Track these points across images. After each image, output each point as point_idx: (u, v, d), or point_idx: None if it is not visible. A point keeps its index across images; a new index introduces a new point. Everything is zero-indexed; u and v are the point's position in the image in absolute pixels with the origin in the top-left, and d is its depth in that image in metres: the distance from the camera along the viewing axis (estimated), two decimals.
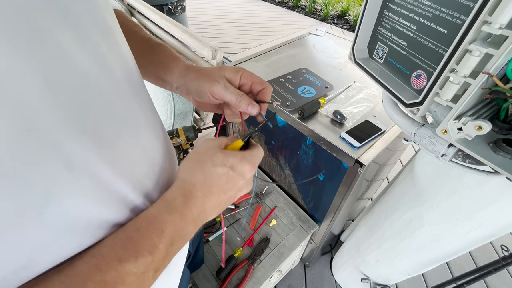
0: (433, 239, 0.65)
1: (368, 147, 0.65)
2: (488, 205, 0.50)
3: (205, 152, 0.28)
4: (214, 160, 0.27)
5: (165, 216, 0.24)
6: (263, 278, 0.82)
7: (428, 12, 0.35)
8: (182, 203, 0.26)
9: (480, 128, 0.30)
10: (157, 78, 0.39)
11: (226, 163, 0.27)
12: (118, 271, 0.21)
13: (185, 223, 0.25)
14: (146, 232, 0.23)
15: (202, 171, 0.27)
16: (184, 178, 0.27)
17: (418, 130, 0.41)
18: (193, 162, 0.28)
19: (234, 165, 0.28)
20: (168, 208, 0.25)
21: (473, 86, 0.30)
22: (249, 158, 0.29)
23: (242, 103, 0.32)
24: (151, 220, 0.24)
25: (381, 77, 0.44)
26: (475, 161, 0.37)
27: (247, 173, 0.29)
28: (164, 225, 0.24)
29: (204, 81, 0.34)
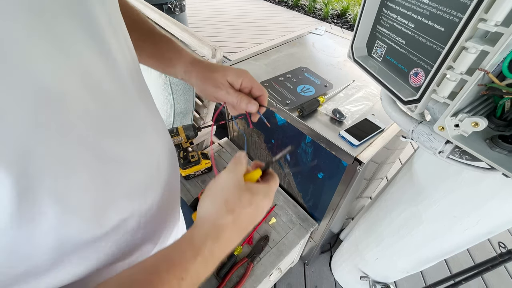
0: (432, 237, 0.66)
1: (367, 145, 0.66)
2: (485, 202, 0.50)
3: (232, 190, 0.27)
4: (242, 201, 0.27)
5: (189, 264, 0.23)
6: (263, 276, 0.82)
7: (426, 10, 0.36)
8: (209, 250, 0.24)
9: (476, 125, 0.31)
10: (159, 68, 0.40)
11: (253, 202, 0.27)
12: None
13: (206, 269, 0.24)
14: (166, 278, 0.22)
15: (232, 213, 0.26)
16: (213, 219, 0.26)
17: (416, 127, 0.41)
18: (220, 201, 0.27)
19: (259, 202, 0.28)
20: (194, 255, 0.24)
21: (469, 83, 0.30)
22: (269, 193, 0.29)
23: (242, 103, 0.35)
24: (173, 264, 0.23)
25: (379, 75, 0.45)
26: (472, 158, 0.37)
27: (266, 208, 0.29)
28: (186, 273, 0.23)
29: (208, 85, 0.36)
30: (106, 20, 0.22)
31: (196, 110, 1.18)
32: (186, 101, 1.04)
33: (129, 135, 0.25)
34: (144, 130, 0.28)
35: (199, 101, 1.15)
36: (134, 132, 0.26)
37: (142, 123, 0.28)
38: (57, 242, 0.20)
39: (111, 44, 0.23)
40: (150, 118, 0.30)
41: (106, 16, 0.22)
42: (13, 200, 0.16)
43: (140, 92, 0.28)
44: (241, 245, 0.87)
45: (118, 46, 0.24)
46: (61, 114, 0.18)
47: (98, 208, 0.23)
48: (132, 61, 0.27)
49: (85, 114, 0.20)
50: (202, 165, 1.02)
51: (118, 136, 0.24)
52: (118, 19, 0.25)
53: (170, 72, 0.39)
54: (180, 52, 0.39)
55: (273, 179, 0.31)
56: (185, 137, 0.88)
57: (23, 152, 0.16)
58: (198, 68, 0.37)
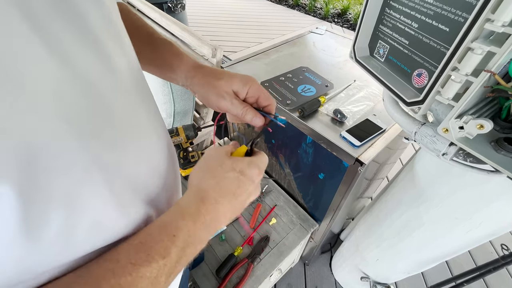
0: (433, 238, 0.65)
1: (368, 146, 0.65)
2: (488, 204, 0.50)
3: (214, 159, 0.29)
4: (224, 166, 0.28)
5: (178, 222, 0.25)
6: (263, 276, 0.82)
7: (430, 10, 0.35)
8: (196, 209, 0.26)
9: (481, 127, 0.30)
10: (161, 75, 0.39)
11: (235, 167, 0.28)
12: (132, 275, 0.21)
13: (198, 229, 0.26)
14: (159, 237, 0.23)
15: (214, 177, 0.28)
16: (196, 184, 0.28)
17: (419, 129, 0.41)
18: (204, 170, 0.29)
19: (243, 169, 0.28)
20: (181, 213, 0.25)
21: (475, 85, 0.29)
22: (256, 162, 0.30)
23: (247, 116, 0.34)
24: (164, 225, 0.24)
25: (382, 76, 0.44)
26: (476, 160, 0.37)
27: (255, 177, 0.29)
28: (177, 230, 0.24)
29: (211, 93, 0.34)
30: (101, 23, 0.22)
31: (196, 110, 1.17)
32: (186, 100, 1.03)
33: (129, 140, 0.25)
34: (145, 134, 0.28)
35: (199, 101, 1.14)
36: (134, 136, 0.25)
37: (142, 127, 0.27)
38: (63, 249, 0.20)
39: (108, 47, 0.22)
40: (151, 122, 0.29)
41: (101, 19, 0.22)
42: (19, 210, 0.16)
43: (142, 95, 0.28)
44: (241, 246, 0.87)
45: (117, 50, 0.24)
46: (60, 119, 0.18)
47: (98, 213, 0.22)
48: (133, 64, 0.27)
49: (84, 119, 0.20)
50: None
51: (118, 141, 0.23)
52: (116, 22, 0.24)
53: (171, 78, 0.38)
54: (181, 57, 0.37)
55: (260, 153, 0.32)
56: (185, 137, 0.88)
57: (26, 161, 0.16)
58: (200, 74, 0.35)
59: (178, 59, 0.37)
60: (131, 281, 0.21)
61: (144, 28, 0.39)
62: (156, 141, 0.30)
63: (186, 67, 0.36)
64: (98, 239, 0.22)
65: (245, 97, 0.35)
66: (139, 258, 0.22)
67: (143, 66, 0.38)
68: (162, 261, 0.22)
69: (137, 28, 0.38)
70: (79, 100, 0.19)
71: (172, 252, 0.23)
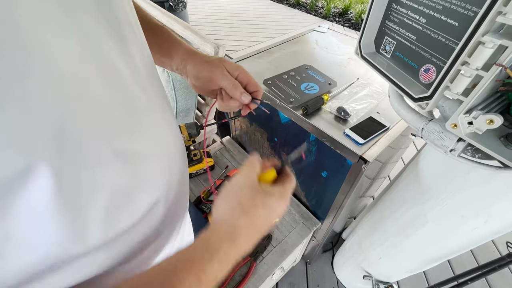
0: (437, 237, 0.65)
1: (372, 144, 0.65)
2: (494, 201, 0.49)
3: (245, 190, 0.28)
4: (256, 202, 0.27)
5: (206, 265, 0.24)
6: (265, 275, 0.82)
7: (439, 5, 0.35)
8: (225, 252, 0.25)
9: (491, 122, 0.30)
10: (157, 60, 0.39)
11: (267, 204, 0.27)
12: None
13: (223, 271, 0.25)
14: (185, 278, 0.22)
15: (245, 214, 0.26)
16: (228, 222, 0.26)
17: (426, 125, 0.40)
18: (235, 203, 0.27)
19: (274, 206, 0.28)
20: (210, 257, 0.24)
21: (485, 79, 0.29)
22: (285, 196, 0.29)
23: (236, 91, 0.34)
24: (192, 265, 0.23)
25: (388, 72, 0.44)
26: (485, 156, 0.36)
27: (282, 210, 0.29)
28: (203, 273, 0.23)
29: (203, 67, 0.35)
30: (124, 16, 0.22)
31: (198, 108, 1.17)
32: (188, 99, 1.03)
33: (147, 130, 0.25)
34: (159, 123, 0.28)
35: (201, 99, 1.14)
36: (150, 124, 0.26)
37: (157, 115, 0.28)
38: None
39: (129, 40, 0.23)
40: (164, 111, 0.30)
41: (124, 12, 0.22)
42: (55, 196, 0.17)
43: (155, 86, 0.28)
44: None
45: (135, 42, 0.24)
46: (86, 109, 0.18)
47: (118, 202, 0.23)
48: (147, 55, 0.27)
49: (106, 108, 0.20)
50: (204, 163, 1.02)
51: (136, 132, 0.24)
52: (133, 14, 0.25)
53: (166, 63, 0.38)
54: (178, 42, 0.38)
55: (289, 180, 0.31)
56: (187, 135, 0.87)
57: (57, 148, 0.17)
58: (194, 56, 0.37)
59: (175, 44, 0.38)
60: None
61: (142, 15, 0.39)
62: (168, 131, 0.30)
63: (182, 51, 0.37)
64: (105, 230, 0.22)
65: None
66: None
67: None
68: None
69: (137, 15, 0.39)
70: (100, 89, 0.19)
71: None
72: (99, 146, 0.20)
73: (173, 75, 0.94)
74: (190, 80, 0.37)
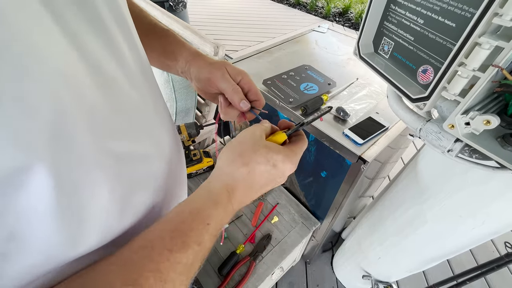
0: (436, 236, 0.65)
1: (371, 144, 0.65)
2: (492, 201, 0.50)
3: (249, 142, 0.28)
4: (258, 154, 0.27)
5: (211, 210, 0.25)
6: (265, 274, 0.82)
7: (436, 6, 0.35)
8: (226, 198, 0.26)
9: (488, 123, 0.30)
10: (161, 62, 0.39)
11: (269, 159, 0.27)
12: (170, 261, 0.21)
13: (226, 216, 0.26)
14: (193, 225, 0.23)
15: (246, 164, 0.26)
16: (227, 172, 0.27)
17: (424, 126, 0.40)
18: (237, 155, 0.27)
19: (277, 163, 0.27)
20: (214, 202, 0.25)
21: (482, 80, 0.29)
22: (291, 157, 0.28)
23: (236, 97, 0.33)
24: (197, 213, 0.24)
25: (386, 72, 0.44)
26: (482, 156, 0.37)
27: (287, 171, 0.28)
28: (210, 218, 0.24)
29: (204, 68, 0.34)
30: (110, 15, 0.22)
31: (198, 108, 1.17)
32: (188, 99, 1.03)
33: (139, 130, 0.25)
34: (153, 123, 0.28)
35: (201, 99, 1.14)
36: (143, 126, 0.26)
37: (151, 118, 0.28)
38: None
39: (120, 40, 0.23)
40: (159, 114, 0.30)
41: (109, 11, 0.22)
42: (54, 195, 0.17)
43: (149, 87, 0.28)
44: (243, 244, 0.87)
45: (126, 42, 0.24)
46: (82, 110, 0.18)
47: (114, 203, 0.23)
48: (141, 57, 0.27)
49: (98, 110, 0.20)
50: (204, 163, 1.02)
51: (128, 131, 0.24)
52: (123, 14, 0.25)
53: (172, 66, 0.38)
54: (183, 45, 0.38)
55: (300, 143, 0.30)
56: (187, 135, 0.88)
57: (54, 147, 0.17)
58: (199, 57, 0.36)
59: (179, 46, 0.37)
60: (169, 266, 0.21)
61: (146, 18, 0.39)
62: (163, 132, 0.30)
63: (187, 54, 0.37)
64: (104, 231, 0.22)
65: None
66: (175, 245, 0.22)
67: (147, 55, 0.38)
68: (197, 247, 0.23)
69: (140, 18, 0.39)
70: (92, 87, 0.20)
71: (206, 239, 0.24)
72: (95, 147, 0.20)
73: (172, 75, 0.94)
74: (194, 83, 0.37)
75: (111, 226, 0.23)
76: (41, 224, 0.17)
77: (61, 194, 0.18)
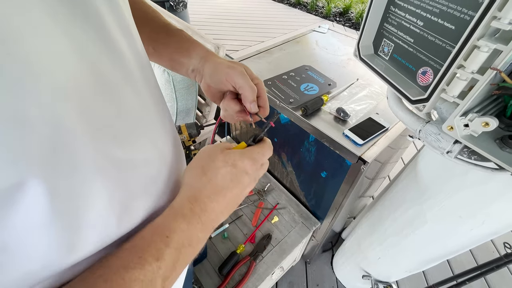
0: (436, 237, 0.65)
1: (371, 145, 0.65)
2: (491, 202, 0.50)
3: (207, 156, 0.29)
4: (215, 162, 0.27)
5: (171, 223, 0.24)
6: (265, 274, 0.82)
7: (436, 8, 0.35)
8: (189, 210, 0.25)
9: (487, 125, 0.30)
10: (172, 61, 0.39)
11: (227, 161, 0.27)
12: (124, 279, 0.20)
13: (194, 229, 0.25)
14: (151, 239, 0.23)
15: (206, 174, 0.27)
16: (189, 183, 0.27)
17: (423, 127, 0.41)
18: (196, 168, 0.28)
19: (235, 161, 0.28)
20: (174, 215, 0.25)
21: (481, 82, 0.29)
22: (248, 154, 0.29)
23: (251, 94, 0.33)
24: (157, 227, 0.24)
25: (386, 74, 0.44)
26: (481, 158, 0.37)
27: (249, 168, 0.28)
28: (169, 231, 0.23)
29: (223, 64, 0.34)
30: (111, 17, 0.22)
31: (199, 109, 1.17)
32: (188, 99, 1.03)
33: (139, 134, 0.25)
34: (154, 128, 0.28)
35: (201, 100, 1.14)
36: (143, 131, 0.26)
37: (151, 122, 0.28)
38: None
39: (118, 41, 0.23)
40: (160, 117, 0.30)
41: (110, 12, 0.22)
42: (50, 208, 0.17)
43: (150, 90, 0.28)
44: (243, 244, 0.87)
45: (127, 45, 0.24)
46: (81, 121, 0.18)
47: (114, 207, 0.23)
48: (142, 59, 0.27)
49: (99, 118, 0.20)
50: None
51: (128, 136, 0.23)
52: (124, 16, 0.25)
53: (184, 63, 0.38)
54: (197, 43, 0.38)
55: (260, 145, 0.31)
56: (187, 135, 0.88)
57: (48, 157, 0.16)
58: (214, 55, 0.36)
59: (194, 44, 0.38)
60: (123, 284, 0.20)
61: (159, 18, 0.40)
62: (164, 135, 0.30)
63: (202, 51, 0.37)
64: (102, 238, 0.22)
65: None
66: (131, 261, 0.21)
67: (159, 53, 0.39)
68: (156, 263, 0.22)
69: (153, 18, 0.39)
70: (94, 95, 0.20)
71: (165, 254, 0.22)
72: (96, 155, 0.19)
73: (173, 75, 0.94)
74: (204, 80, 0.36)
75: (109, 232, 0.23)
76: (36, 235, 0.17)
77: (58, 206, 0.17)
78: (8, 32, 0.14)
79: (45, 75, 0.16)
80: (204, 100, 1.14)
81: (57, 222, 0.18)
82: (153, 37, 0.37)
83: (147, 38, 0.37)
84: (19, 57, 0.15)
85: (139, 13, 0.37)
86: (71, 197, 0.18)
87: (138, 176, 0.25)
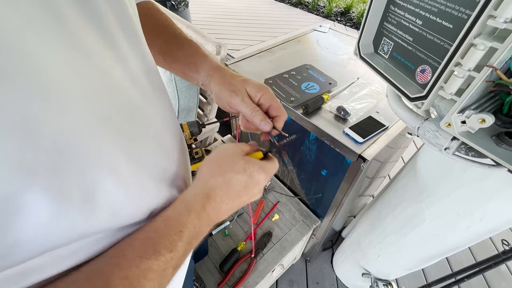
0: (434, 234, 0.66)
1: (371, 143, 0.66)
2: (489, 200, 0.50)
3: (228, 156, 0.29)
4: (235, 166, 0.28)
5: (184, 217, 0.25)
6: (265, 271, 0.83)
7: (434, 7, 0.36)
8: (201, 205, 0.26)
9: (483, 121, 0.31)
10: (183, 74, 0.39)
11: (246, 170, 0.28)
12: (139, 268, 0.22)
13: (202, 225, 0.26)
14: (165, 232, 0.24)
15: (223, 174, 0.28)
16: (205, 180, 0.28)
17: (422, 124, 0.41)
18: (215, 165, 0.29)
19: (253, 172, 0.29)
20: (187, 209, 0.26)
21: (477, 80, 0.30)
22: (266, 168, 0.30)
23: (256, 118, 0.33)
24: (170, 220, 0.25)
25: (386, 72, 0.45)
26: (478, 154, 0.37)
27: (262, 182, 0.30)
28: (183, 225, 0.25)
29: (225, 89, 0.34)
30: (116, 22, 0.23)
31: (200, 107, 1.18)
32: (190, 97, 1.04)
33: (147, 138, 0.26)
34: (160, 129, 0.28)
35: (203, 98, 1.15)
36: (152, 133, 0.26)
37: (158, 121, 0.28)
38: None
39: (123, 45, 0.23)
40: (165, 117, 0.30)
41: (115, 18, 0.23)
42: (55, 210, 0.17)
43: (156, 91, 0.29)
44: (244, 241, 0.88)
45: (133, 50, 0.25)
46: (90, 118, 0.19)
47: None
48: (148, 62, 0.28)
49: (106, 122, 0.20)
50: None
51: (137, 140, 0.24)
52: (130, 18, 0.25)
53: (193, 77, 0.38)
54: (206, 57, 0.38)
55: (273, 160, 0.33)
56: (189, 134, 0.89)
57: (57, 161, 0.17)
58: (219, 72, 0.36)
59: (202, 59, 0.38)
60: (138, 273, 0.21)
61: (172, 28, 0.40)
62: (171, 137, 0.31)
63: (209, 67, 0.37)
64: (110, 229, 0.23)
65: (257, 103, 0.35)
66: (146, 252, 0.22)
67: (168, 64, 0.39)
68: (169, 254, 0.23)
69: (165, 27, 0.39)
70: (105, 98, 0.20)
71: (178, 246, 0.24)
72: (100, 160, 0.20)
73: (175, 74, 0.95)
74: (214, 98, 0.37)
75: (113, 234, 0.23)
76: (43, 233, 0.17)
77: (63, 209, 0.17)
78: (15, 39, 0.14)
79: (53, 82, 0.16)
80: (206, 99, 1.15)
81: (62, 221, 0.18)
82: (163, 49, 0.38)
83: (158, 50, 0.38)
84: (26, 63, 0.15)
85: (152, 21, 0.37)
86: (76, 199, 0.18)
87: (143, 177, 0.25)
